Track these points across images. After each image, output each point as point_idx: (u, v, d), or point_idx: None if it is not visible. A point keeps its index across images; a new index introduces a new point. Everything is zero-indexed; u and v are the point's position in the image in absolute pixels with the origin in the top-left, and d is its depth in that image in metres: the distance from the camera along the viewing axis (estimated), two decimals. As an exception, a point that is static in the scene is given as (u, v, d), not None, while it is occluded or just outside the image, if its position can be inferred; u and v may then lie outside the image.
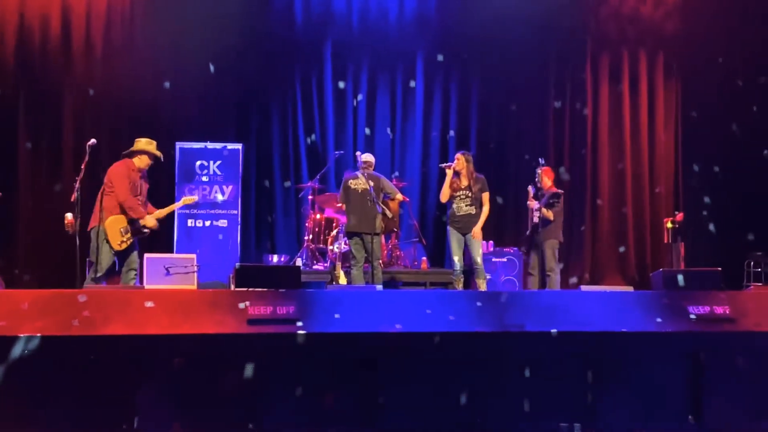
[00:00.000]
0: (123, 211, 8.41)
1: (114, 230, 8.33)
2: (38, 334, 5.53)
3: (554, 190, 10.11)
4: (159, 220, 8.75)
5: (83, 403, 5.67)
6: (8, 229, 11.37)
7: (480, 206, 9.49)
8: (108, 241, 8.31)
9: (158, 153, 8.75)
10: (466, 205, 9.46)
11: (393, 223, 10.80)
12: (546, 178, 10.22)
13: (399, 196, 9.93)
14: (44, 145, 11.69)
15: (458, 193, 9.48)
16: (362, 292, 7.26)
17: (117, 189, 8.35)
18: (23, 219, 11.48)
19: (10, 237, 11.40)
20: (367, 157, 9.79)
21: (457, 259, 9.45)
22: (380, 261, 9.58)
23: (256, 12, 12.39)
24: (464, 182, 9.51)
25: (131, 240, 8.48)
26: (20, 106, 11.60)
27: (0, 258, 11.09)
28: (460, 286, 9.48)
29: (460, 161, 9.55)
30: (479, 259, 9.43)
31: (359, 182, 9.49)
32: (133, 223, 8.46)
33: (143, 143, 8.68)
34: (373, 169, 9.77)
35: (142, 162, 8.63)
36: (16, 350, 5.48)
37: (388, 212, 9.82)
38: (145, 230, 8.58)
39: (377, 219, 9.34)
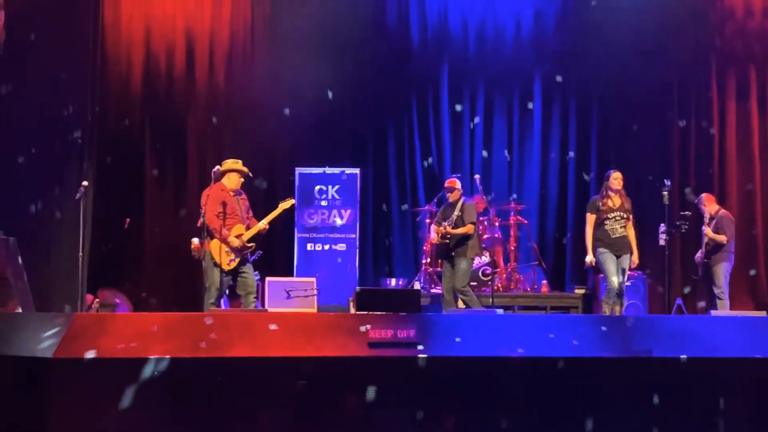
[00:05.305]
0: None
1: (220, 251, 8.46)
2: (167, 356, 5.66)
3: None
4: (259, 235, 8.67)
5: (209, 425, 5.75)
6: (136, 254, 11.73)
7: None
8: (217, 264, 8.44)
9: (245, 169, 8.80)
10: (621, 227, 9.08)
11: None
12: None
13: None
14: (170, 172, 12.04)
15: (612, 215, 9.09)
16: (483, 316, 7.18)
17: (206, 212, 8.46)
18: (150, 244, 11.83)
19: (138, 261, 11.75)
20: None
21: (616, 281, 8.99)
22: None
23: (373, 37, 12.49)
24: (617, 202, 9.17)
25: (239, 257, 8.57)
26: (147, 134, 11.98)
27: (128, 281, 11.46)
28: (617, 311, 9.05)
29: (620, 180, 9.23)
30: (623, 285, 9.15)
31: None
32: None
33: (229, 163, 8.76)
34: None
35: (231, 182, 8.70)
36: (147, 371, 5.62)
37: None
38: (250, 244, 8.63)
39: None
